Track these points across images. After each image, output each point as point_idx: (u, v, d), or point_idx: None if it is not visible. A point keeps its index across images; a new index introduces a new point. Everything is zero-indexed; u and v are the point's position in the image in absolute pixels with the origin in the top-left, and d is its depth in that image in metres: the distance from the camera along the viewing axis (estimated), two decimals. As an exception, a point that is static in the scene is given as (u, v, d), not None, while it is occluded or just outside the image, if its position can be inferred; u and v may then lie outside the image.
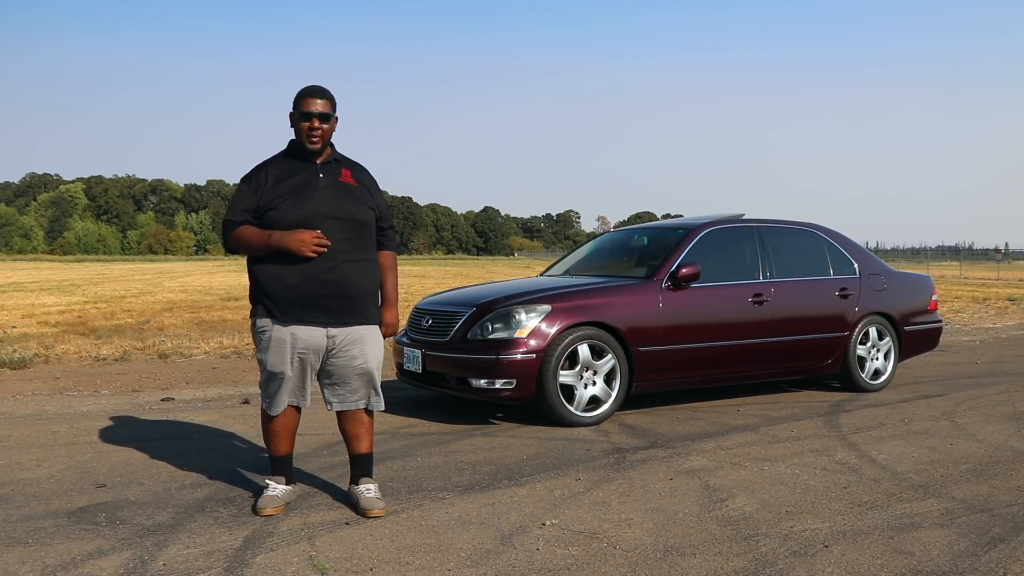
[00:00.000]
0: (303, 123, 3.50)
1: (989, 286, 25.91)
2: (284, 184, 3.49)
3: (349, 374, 3.60)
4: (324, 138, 3.54)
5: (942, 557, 3.08)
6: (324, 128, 3.52)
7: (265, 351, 3.54)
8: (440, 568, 2.97)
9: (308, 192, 3.49)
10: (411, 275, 32.51)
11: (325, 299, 3.48)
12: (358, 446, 3.75)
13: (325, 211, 3.48)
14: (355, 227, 3.55)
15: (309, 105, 3.49)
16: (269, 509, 3.57)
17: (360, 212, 3.57)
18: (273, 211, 3.45)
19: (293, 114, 3.55)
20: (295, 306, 3.47)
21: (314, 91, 3.54)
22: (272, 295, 3.48)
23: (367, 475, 3.75)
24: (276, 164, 3.58)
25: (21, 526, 3.43)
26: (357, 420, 3.72)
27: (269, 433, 3.71)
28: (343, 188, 3.57)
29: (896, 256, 69.62)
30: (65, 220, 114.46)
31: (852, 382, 6.80)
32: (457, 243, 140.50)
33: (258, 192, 3.49)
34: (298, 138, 3.56)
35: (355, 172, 3.67)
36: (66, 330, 11.27)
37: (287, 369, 3.53)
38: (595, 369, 5.53)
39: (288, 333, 3.49)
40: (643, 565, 3.00)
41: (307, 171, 3.54)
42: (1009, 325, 13.40)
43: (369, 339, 3.62)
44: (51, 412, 6.02)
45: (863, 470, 4.31)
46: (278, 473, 3.74)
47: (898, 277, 7.43)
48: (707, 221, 6.58)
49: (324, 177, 3.55)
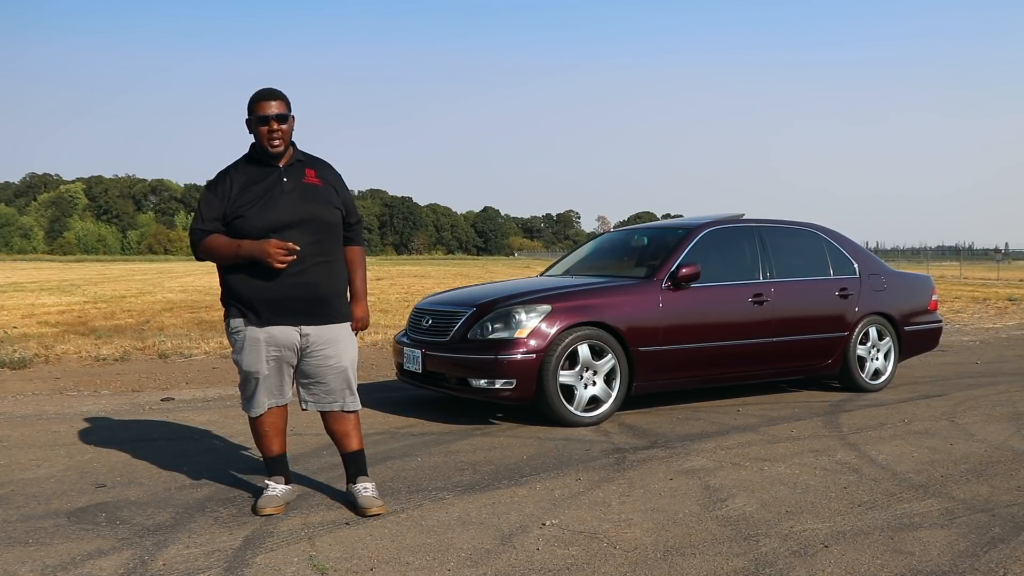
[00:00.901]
0: (262, 127, 3.47)
1: (989, 286, 25.91)
2: (249, 191, 3.47)
3: (325, 373, 3.60)
4: (285, 139, 3.51)
5: (942, 557, 3.07)
6: (283, 129, 3.48)
7: (240, 352, 3.54)
8: (440, 568, 2.97)
9: (273, 198, 3.46)
10: (411, 275, 32.50)
11: (295, 302, 3.48)
12: (348, 444, 3.74)
13: (290, 217, 3.45)
14: (321, 229, 3.53)
15: (265, 108, 3.46)
16: (269, 508, 3.58)
17: (327, 213, 3.56)
18: (240, 219, 3.44)
19: (250, 120, 3.51)
20: (266, 309, 3.47)
21: (267, 94, 3.50)
22: (243, 299, 3.49)
23: (362, 473, 3.74)
24: (240, 170, 3.55)
25: (21, 526, 3.43)
26: (342, 418, 3.71)
27: (257, 434, 3.71)
28: (308, 190, 3.54)
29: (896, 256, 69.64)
30: (65, 220, 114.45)
31: (852, 382, 6.80)
32: (457, 243, 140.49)
33: (224, 200, 3.47)
34: (259, 143, 3.52)
35: (319, 171, 3.64)
36: (66, 330, 11.26)
37: (262, 368, 3.53)
38: (595, 369, 5.53)
39: (262, 332, 3.50)
40: (643, 565, 3.00)
41: (271, 176, 3.51)
42: (1009, 325, 13.40)
43: (343, 338, 3.64)
44: (51, 412, 6.02)
45: (863, 470, 4.31)
46: (276, 473, 3.74)
47: (898, 277, 7.43)
48: (707, 221, 6.58)
49: (288, 180, 3.52)
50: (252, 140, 3.57)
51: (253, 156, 3.57)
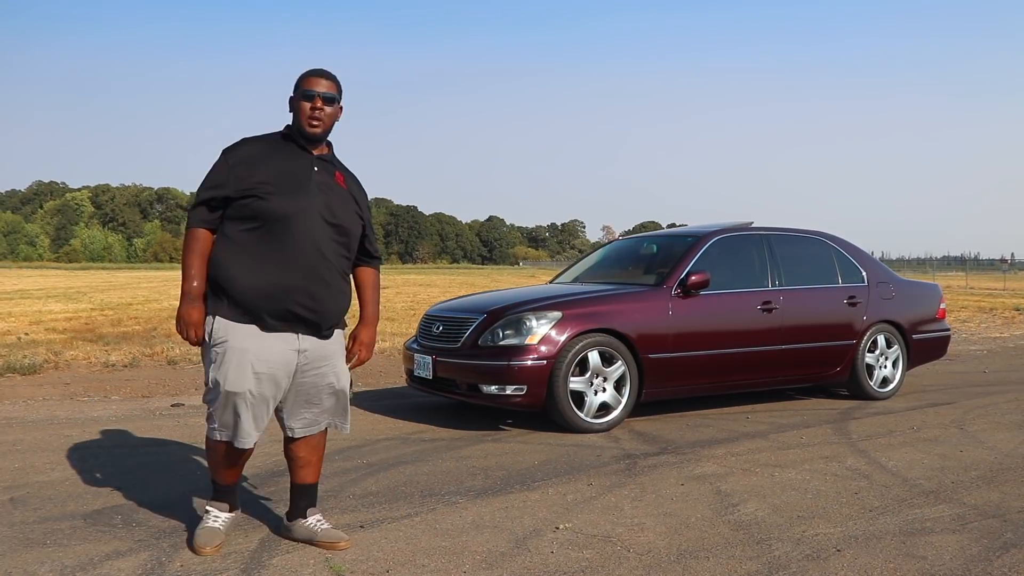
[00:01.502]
0: (305, 103, 3.10)
1: (996, 296, 25.88)
2: (272, 168, 3.07)
3: (320, 393, 3.19)
4: (326, 125, 3.13)
5: (954, 562, 3.09)
6: (327, 111, 3.11)
7: (220, 367, 3.02)
8: (455, 570, 2.99)
9: (300, 184, 3.08)
10: (416, 284, 32.57)
11: (298, 308, 3.05)
12: (307, 475, 3.32)
13: (318, 210, 3.07)
14: (343, 235, 3.16)
15: (314, 84, 3.11)
16: (209, 548, 3.14)
17: (351, 221, 3.19)
18: (257, 200, 3.01)
19: (294, 96, 3.15)
20: (266, 313, 3.03)
21: (320, 72, 3.15)
22: (237, 291, 3.03)
23: (313, 505, 3.35)
24: (265, 142, 3.16)
25: (38, 527, 3.46)
26: (312, 445, 3.29)
27: (214, 461, 3.23)
28: (337, 191, 3.18)
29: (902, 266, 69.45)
30: (71, 228, 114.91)
31: (860, 390, 6.81)
32: (462, 252, 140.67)
33: (236, 168, 3.05)
34: (296, 122, 3.14)
35: (347, 178, 3.28)
36: (74, 337, 11.31)
37: (249, 387, 3.01)
38: (605, 376, 5.55)
39: (252, 343, 3.02)
40: (657, 568, 3.02)
41: (301, 160, 3.13)
42: (1016, 335, 13.39)
43: (340, 355, 3.26)
44: (63, 417, 6.06)
45: (873, 476, 4.32)
46: (221, 499, 3.30)
47: (906, 285, 7.45)
48: (716, 229, 6.61)
49: (319, 172, 3.14)
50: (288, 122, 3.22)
51: (287, 135, 3.19)
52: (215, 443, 3.16)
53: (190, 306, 3.05)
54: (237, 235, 3.07)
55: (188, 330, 3.06)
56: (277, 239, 3.03)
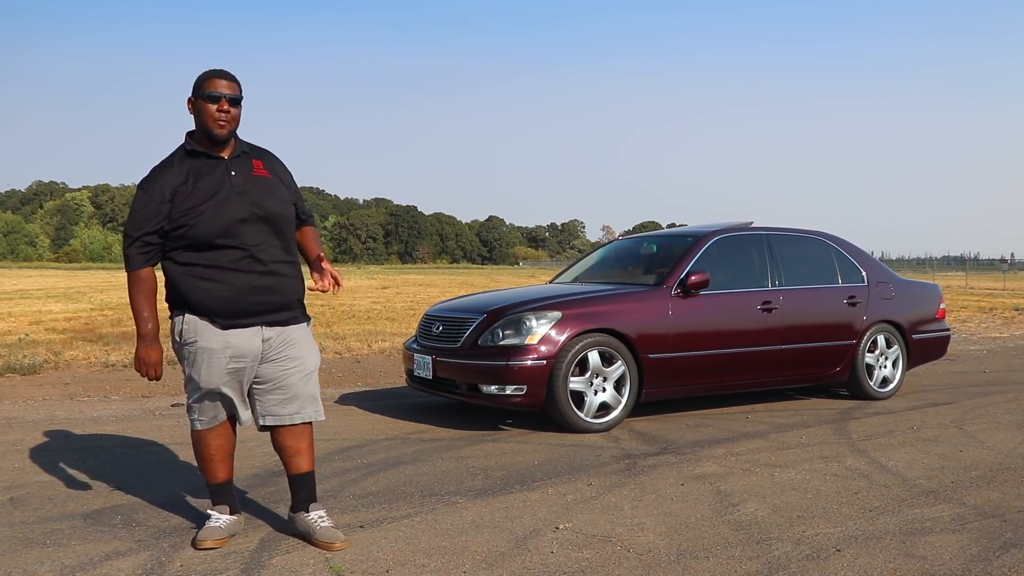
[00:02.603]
0: (210, 105, 3.08)
1: (996, 296, 25.88)
2: (194, 191, 3.09)
3: (286, 378, 3.24)
4: (232, 125, 3.14)
5: (954, 561, 3.09)
6: (233, 112, 3.12)
7: (193, 365, 3.16)
8: (456, 570, 2.99)
9: (224, 195, 3.10)
10: (416, 284, 32.57)
11: (259, 305, 3.16)
12: (299, 464, 3.34)
13: (245, 213, 3.12)
14: (279, 224, 3.21)
15: (219, 86, 3.10)
16: (210, 542, 3.19)
17: (282, 207, 3.23)
18: (188, 227, 3.06)
19: (196, 99, 3.12)
20: (225, 311, 3.12)
21: (222, 73, 3.15)
22: (198, 302, 3.13)
23: (314, 499, 3.37)
24: (177, 165, 3.14)
25: (38, 527, 3.46)
26: (297, 433, 3.31)
27: (202, 458, 3.31)
28: (259, 183, 3.20)
29: (901, 266, 69.47)
30: (71, 228, 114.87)
31: (860, 390, 6.81)
32: (462, 252, 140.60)
33: (163, 204, 3.07)
34: (202, 125, 3.12)
35: (267, 162, 3.29)
36: (74, 337, 11.31)
37: (220, 383, 3.16)
38: (605, 376, 5.55)
39: (220, 341, 3.13)
40: (657, 568, 3.02)
41: (216, 170, 3.14)
42: (1016, 335, 13.39)
43: (306, 340, 3.31)
44: (62, 417, 6.06)
45: (873, 476, 4.32)
46: (220, 502, 3.34)
47: (906, 285, 7.45)
48: (716, 229, 6.61)
49: (236, 175, 3.16)
50: (189, 130, 3.22)
51: (192, 149, 3.17)
52: (198, 433, 3.29)
53: (148, 347, 3.19)
54: (182, 257, 3.14)
55: (148, 370, 3.20)
56: (219, 252, 3.11)
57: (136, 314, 3.17)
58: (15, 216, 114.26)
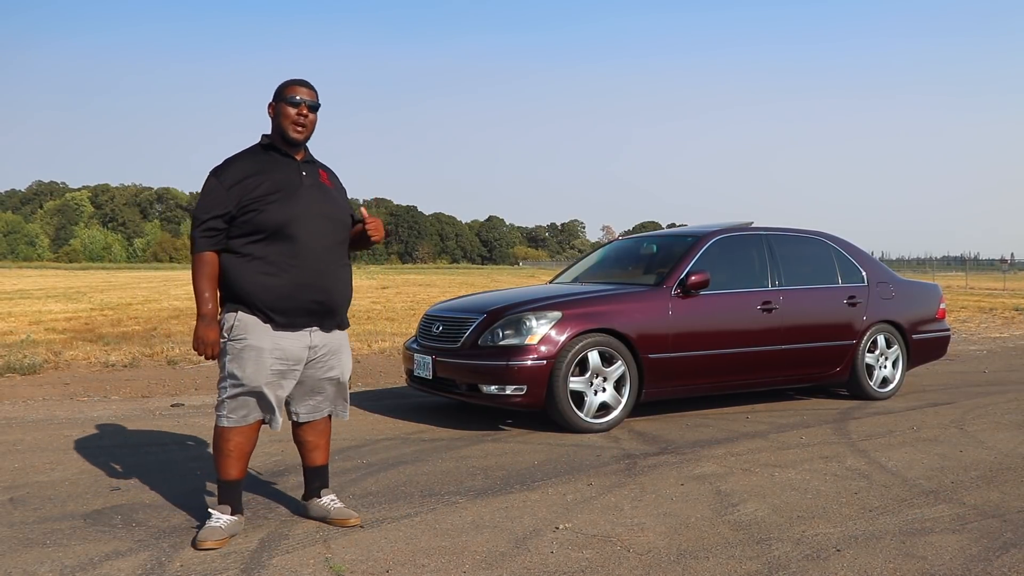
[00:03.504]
0: (290, 108, 3.28)
1: (996, 296, 25.89)
2: (265, 180, 3.24)
3: (323, 384, 3.44)
4: (308, 131, 3.35)
5: (954, 561, 3.09)
6: (311, 118, 3.33)
7: (238, 362, 3.23)
8: (456, 570, 2.99)
9: (295, 190, 3.27)
10: (416, 284, 32.57)
11: (314, 304, 3.29)
12: (317, 457, 3.57)
13: (313, 211, 3.28)
14: (340, 231, 3.39)
15: (300, 92, 3.30)
16: (210, 542, 3.18)
17: (343, 216, 3.42)
18: (257, 213, 3.19)
19: (277, 103, 3.32)
20: (279, 311, 3.23)
21: (304, 82, 3.35)
22: (256, 298, 3.22)
23: (326, 486, 3.61)
24: (252, 158, 3.31)
25: (38, 527, 3.46)
26: (319, 430, 3.55)
27: (221, 452, 3.33)
28: (324, 189, 3.39)
29: (901, 266, 69.46)
30: (71, 228, 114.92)
31: (860, 390, 6.82)
32: (462, 252, 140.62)
33: (233, 189, 3.20)
34: (279, 129, 3.32)
35: (330, 175, 3.51)
36: (74, 337, 11.31)
37: (263, 382, 3.25)
38: (605, 376, 5.55)
39: (269, 341, 3.24)
40: (657, 568, 3.02)
41: (289, 168, 3.32)
42: (1016, 335, 13.39)
43: (345, 349, 3.50)
44: (62, 417, 6.06)
45: (873, 476, 4.32)
46: (225, 501, 3.35)
47: (906, 285, 7.45)
48: (716, 229, 6.61)
49: (307, 175, 3.35)
50: (266, 131, 3.39)
51: (269, 145, 3.36)
52: (221, 430, 3.32)
53: (207, 327, 3.24)
54: (244, 248, 3.24)
55: (206, 349, 3.24)
56: (283, 245, 3.24)
57: (198, 294, 3.24)
58: (15, 216, 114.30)
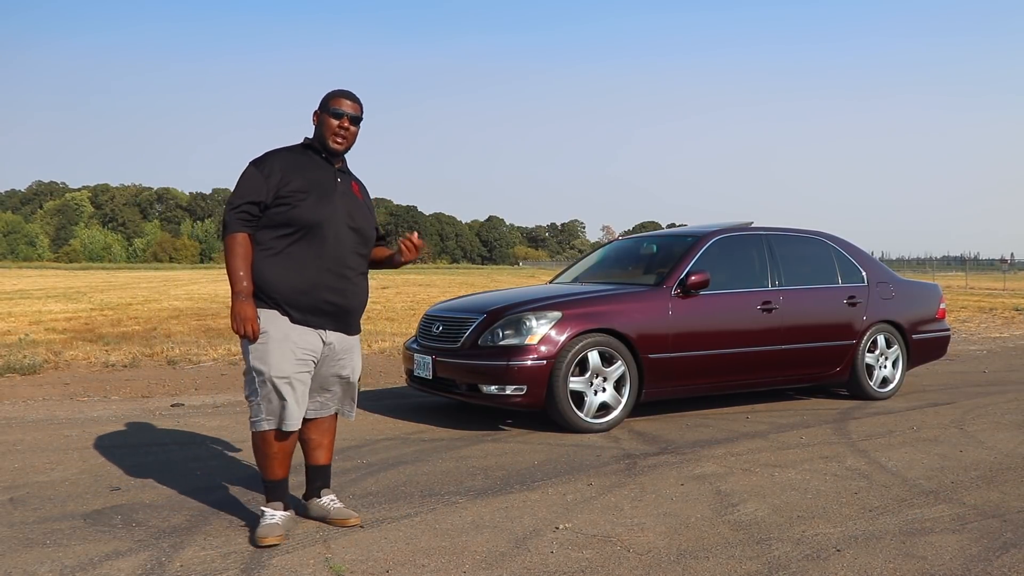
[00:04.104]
0: (333, 120, 3.37)
1: (995, 296, 25.89)
2: (302, 177, 3.32)
3: (332, 381, 3.50)
4: (348, 142, 3.44)
5: (954, 561, 3.09)
6: (352, 131, 3.42)
7: (263, 356, 3.27)
8: (456, 570, 2.99)
9: (328, 192, 3.36)
10: (416, 284, 32.59)
11: (328, 305, 3.36)
12: (320, 456, 3.60)
13: (343, 218, 3.38)
14: (364, 241, 3.49)
15: (343, 104, 3.39)
16: (271, 538, 3.23)
17: (370, 228, 3.53)
18: (290, 208, 3.27)
19: (322, 112, 3.42)
20: (295, 306, 3.30)
21: (349, 94, 3.45)
22: (274, 289, 3.29)
23: (327, 486, 3.63)
24: (293, 154, 3.41)
25: (38, 527, 3.46)
26: (324, 428, 3.58)
27: (265, 456, 3.38)
28: (355, 200, 3.49)
29: (901, 266, 69.45)
30: (71, 228, 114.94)
31: (860, 390, 6.82)
32: (462, 252, 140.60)
33: (271, 179, 3.28)
34: (321, 137, 3.41)
35: (361, 188, 3.60)
36: (74, 337, 11.31)
37: (291, 370, 3.28)
38: (605, 376, 5.55)
39: (290, 330, 3.30)
40: (657, 568, 3.02)
41: (326, 170, 3.41)
42: (1016, 335, 13.39)
43: (357, 350, 3.57)
44: (62, 417, 6.06)
45: (873, 476, 4.32)
46: (275, 499, 3.41)
47: (906, 285, 7.45)
48: (716, 229, 6.61)
49: (341, 183, 3.45)
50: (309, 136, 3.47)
51: (309, 146, 3.45)
52: (262, 434, 3.36)
53: (245, 303, 3.27)
54: (271, 241, 3.33)
55: (245, 325, 3.26)
56: (309, 242, 3.32)
57: (231, 273, 3.28)
58: (15, 216, 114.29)
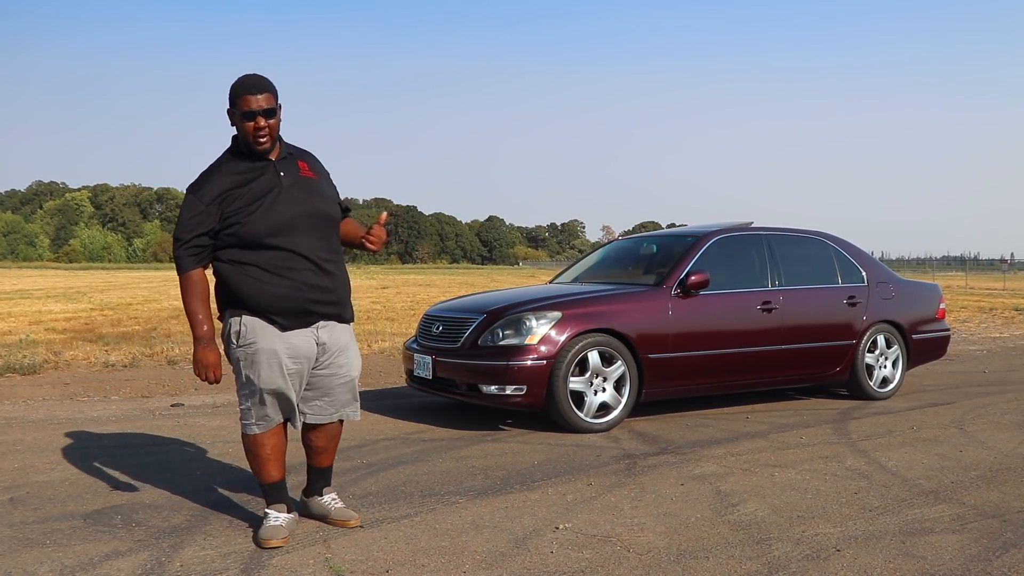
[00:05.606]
0: (247, 123, 3.13)
1: (995, 296, 25.88)
2: (244, 192, 3.14)
3: (334, 385, 3.37)
4: (272, 136, 3.19)
5: (954, 562, 3.09)
6: (271, 124, 3.16)
7: (252, 367, 3.19)
8: (455, 570, 2.99)
9: (274, 197, 3.16)
10: (416, 284, 32.58)
11: (315, 302, 3.23)
12: (323, 459, 3.53)
13: (297, 212, 3.19)
14: (328, 225, 3.30)
15: (250, 103, 3.11)
16: (275, 540, 3.22)
17: (329, 207, 3.32)
18: (239, 226, 3.12)
19: (233, 112, 3.16)
20: (282, 313, 3.18)
21: (254, 85, 3.14)
22: (257, 304, 3.17)
23: (328, 484, 3.59)
24: (227, 169, 3.20)
25: (38, 527, 3.46)
26: (330, 434, 3.48)
27: (257, 458, 3.33)
28: (307, 183, 3.27)
29: (901, 266, 69.45)
30: (71, 228, 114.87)
31: (860, 390, 6.82)
32: (462, 252, 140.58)
33: (212, 205, 3.12)
34: (244, 140, 3.19)
35: (311, 163, 3.37)
36: (74, 337, 11.31)
37: (282, 383, 3.21)
38: (605, 376, 5.55)
39: (279, 342, 3.19)
40: (657, 568, 3.02)
41: (266, 172, 3.20)
42: (1016, 335, 13.39)
43: (353, 346, 3.43)
44: (62, 417, 6.06)
45: (873, 476, 4.32)
46: (276, 501, 3.38)
47: (906, 285, 7.45)
48: (716, 229, 6.61)
49: (286, 175, 3.22)
50: (234, 135, 3.27)
51: (239, 150, 3.24)
52: (252, 438, 3.32)
53: (206, 349, 3.19)
54: (236, 256, 3.19)
55: (207, 372, 3.21)
56: (274, 251, 3.17)
57: (191, 317, 3.19)
58: (15, 216, 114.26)
